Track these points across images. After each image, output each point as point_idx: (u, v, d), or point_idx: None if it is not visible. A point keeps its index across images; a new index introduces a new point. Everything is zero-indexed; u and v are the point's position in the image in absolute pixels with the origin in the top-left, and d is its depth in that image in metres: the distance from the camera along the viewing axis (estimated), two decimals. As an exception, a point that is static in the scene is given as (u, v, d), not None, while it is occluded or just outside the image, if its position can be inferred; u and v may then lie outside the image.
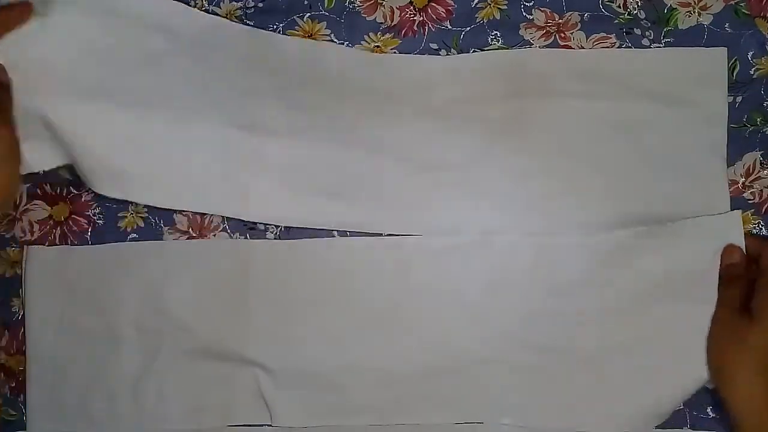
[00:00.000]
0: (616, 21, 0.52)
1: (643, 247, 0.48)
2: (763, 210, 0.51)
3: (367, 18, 0.53)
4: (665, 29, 0.51)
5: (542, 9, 0.52)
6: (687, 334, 0.46)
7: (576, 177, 0.50)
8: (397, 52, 0.52)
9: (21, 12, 0.43)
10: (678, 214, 0.49)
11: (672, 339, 0.47)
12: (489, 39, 0.52)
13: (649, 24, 0.52)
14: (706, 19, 0.51)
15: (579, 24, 0.52)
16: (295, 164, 0.50)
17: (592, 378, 0.48)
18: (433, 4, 0.53)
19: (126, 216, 0.52)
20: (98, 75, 0.46)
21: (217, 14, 0.53)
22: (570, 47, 0.52)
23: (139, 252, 0.52)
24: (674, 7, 0.51)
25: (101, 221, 0.53)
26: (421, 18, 0.53)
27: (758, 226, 0.51)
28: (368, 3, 0.53)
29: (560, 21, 0.52)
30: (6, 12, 0.43)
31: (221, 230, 0.52)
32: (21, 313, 0.52)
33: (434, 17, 0.53)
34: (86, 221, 0.53)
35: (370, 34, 0.53)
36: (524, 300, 0.49)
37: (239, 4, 0.53)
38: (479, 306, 0.49)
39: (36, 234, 0.53)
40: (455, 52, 0.52)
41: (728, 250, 0.47)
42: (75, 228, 0.53)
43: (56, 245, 0.52)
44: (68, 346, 0.51)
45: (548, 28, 0.52)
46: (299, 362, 0.50)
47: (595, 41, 0.52)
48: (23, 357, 0.52)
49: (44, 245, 0.52)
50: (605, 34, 0.52)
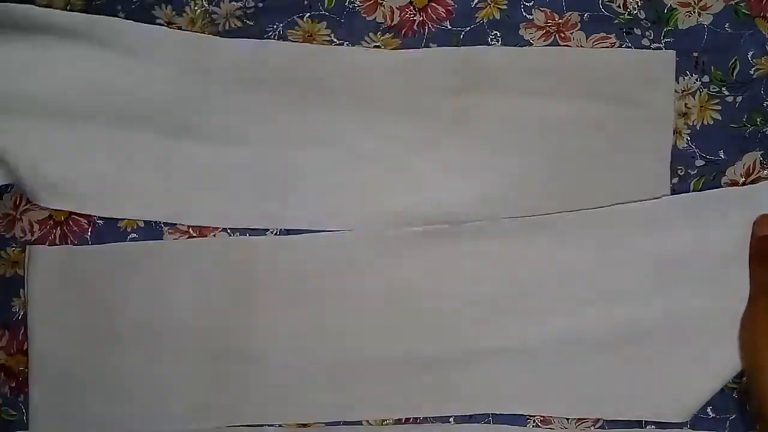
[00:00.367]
0: (616, 21, 0.52)
1: (660, 223, 0.47)
2: (763, 210, 0.51)
3: (367, 18, 0.53)
4: (665, 29, 0.51)
5: (542, 9, 0.52)
6: (715, 318, 0.45)
7: (520, 174, 0.51)
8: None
9: None
10: None
11: (699, 322, 0.46)
12: (489, 39, 0.52)
13: (649, 24, 0.52)
14: (706, 19, 0.51)
15: (579, 24, 0.52)
16: (233, 165, 0.51)
17: (609, 364, 0.48)
18: (433, 4, 0.53)
19: (125, 217, 0.52)
20: (32, 90, 0.48)
21: (217, 14, 0.53)
22: (570, 47, 0.52)
23: (142, 251, 0.51)
24: (674, 7, 0.51)
25: (101, 221, 0.52)
26: (421, 18, 0.53)
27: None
28: (368, 3, 0.53)
29: (560, 21, 0.52)
30: None
31: (221, 230, 0.52)
32: (21, 313, 0.52)
33: (434, 17, 0.53)
34: (86, 221, 0.53)
35: (370, 34, 0.53)
36: (532, 285, 0.49)
37: (239, 4, 0.53)
38: (483, 293, 0.49)
39: (36, 234, 0.53)
40: (455, 52, 0.52)
41: (762, 221, 0.45)
42: (75, 228, 0.53)
43: (56, 245, 0.52)
44: (71, 346, 0.51)
45: (548, 28, 0.52)
46: (305, 358, 0.50)
47: (595, 41, 0.52)
48: (23, 357, 0.52)
49: (44, 245, 0.53)
50: (605, 34, 0.52)
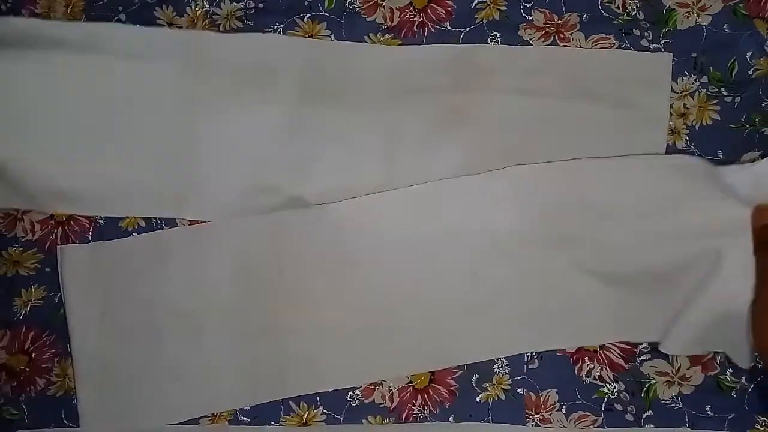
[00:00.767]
0: (615, 22, 0.52)
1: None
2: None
3: (368, 18, 0.53)
4: (664, 30, 0.52)
5: (541, 10, 0.52)
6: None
7: None
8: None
9: None
10: None
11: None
12: (488, 39, 0.52)
13: (648, 25, 0.52)
14: (705, 20, 0.51)
15: (578, 25, 0.52)
16: (233, 156, 0.51)
17: (617, 296, 0.49)
18: (433, 5, 0.53)
19: (127, 216, 0.53)
20: (33, 99, 0.50)
21: (218, 15, 0.53)
22: (566, 48, 0.52)
23: (173, 239, 0.52)
24: (673, 8, 0.52)
25: (102, 221, 0.53)
26: (421, 18, 0.53)
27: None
28: (368, 3, 0.53)
29: (559, 22, 0.52)
30: None
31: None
32: (22, 313, 0.53)
33: (434, 18, 0.53)
34: (87, 221, 0.53)
35: (371, 35, 0.53)
36: (551, 226, 0.50)
37: (240, 5, 0.53)
38: (502, 239, 0.50)
39: (37, 234, 0.53)
40: (455, 53, 0.53)
41: (758, 212, 0.44)
42: (76, 228, 0.53)
43: (58, 245, 0.52)
44: (112, 342, 0.51)
45: (547, 29, 0.52)
46: (343, 323, 0.50)
47: (594, 42, 0.52)
48: (24, 356, 0.52)
49: (45, 245, 0.53)
50: (604, 35, 0.52)
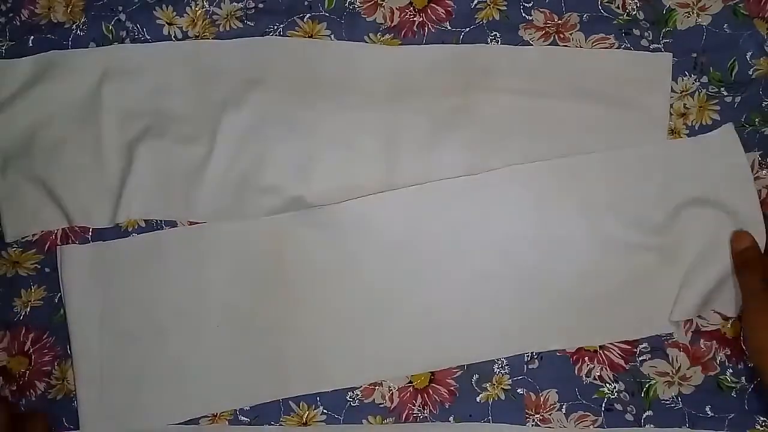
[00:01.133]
0: (615, 22, 0.52)
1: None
2: (762, 210, 0.51)
3: (368, 18, 0.53)
4: (664, 30, 0.52)
5: (541, 10, 0.52)
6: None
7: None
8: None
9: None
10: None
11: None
12: (488, 39, 0.52)
13: (648, 25, 0.52)
14: (705, 20, 0.51)
15: (578, 25, 0.52)
16: (233, 156, 0.52)
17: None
18: (433, 5, 0.53)
19: (128, 217, 0.52)
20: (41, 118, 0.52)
21: (218, 15, 0.53)
22: (566, 48, 0.52)
23: (173, 239, 0.52)
24: (673, 8, 0.52)
25: (102, 221, 0.53)
26: (421, 19, 0.53)
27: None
28: (368, 3, 0.53)
29: (559, 22, 0.52)
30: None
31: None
32: (22, 314, 0.53)
33: (434, 18, 0.53)
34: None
35: (371, 35, 0.53)
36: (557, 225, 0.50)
37: (240, 5, 0.53)
38: (502, 238, 0.50)
39: (37, 234, 0.53)
40: (455, 53, 0.52)
41: (737, 237, 0.48)
42: (76, 228, 0.53)
43: (58, 245, 0.52)
44: (113, 342, 0.51)
45: (547, 29, 0.52)
46: (342, 323, 0.50)
47: (594, 42, 0.52)
48: (25, 358, 0.52)
49: (45, 245, 0.53)
50: (604, 35, 0.52)
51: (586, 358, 0.50)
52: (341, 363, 0.51)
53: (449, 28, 0.53)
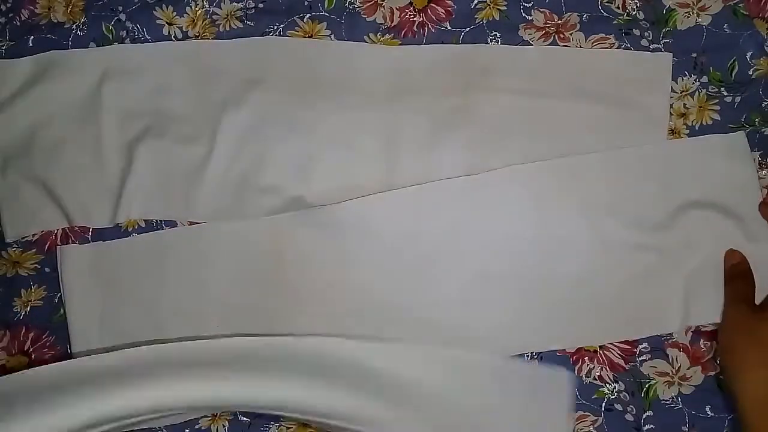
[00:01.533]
0: (615, 22, 0.52)
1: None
2: (762, 210, 0.51)
3: (368, 18, 0.53)
4: (664, 30, 0.52)
5: (541, 10, 0.52)
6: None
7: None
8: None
9: None
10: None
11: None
12: (488, 39, 0.52)
13: (648, 25, 0.52)
14: (705, 20, 0.51)
15: (578, 25, 0.52)
16: (233, 156, 0.52)
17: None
18: (433, 5, 0.53)
19: (128, 217, 0.52)
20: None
21: (218, 15, 0.53)
22: (566, 48, 0.52)
23: (173, 239, 0.52)
24: (673, 8, 0.51)
25: (102, 221, 0.53)
26: (421, 19, 0.53)
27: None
28: (368, 3, 0.53)
29: (559, 22, 0.52)
30: None
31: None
32: (22, 313, 0.53)
33: (434, 18, 0.53)
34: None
35: (370, 35, 0.53)
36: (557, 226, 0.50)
37: (240, 5, 0.54)
38: (502, 238, 0.50)
39: (37, 234, 0.53)
40: (455, 53, 0.52)
41: (728, 254, 0.48)
42: (76, 228, 0.53)
43: (58, 245, 0.52)
44: (112, 342, 0.51)
45: (547, 29, 0.52)
46: (343, 323, 0.50)
47: (594, 42, 0.52)
48: (25, 357, 0.52)
49: (45, 245, 0.53)
50: (604, 35, 0.52)
51: (586, 358, 0.50)
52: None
53: (449, 28, 0.53)
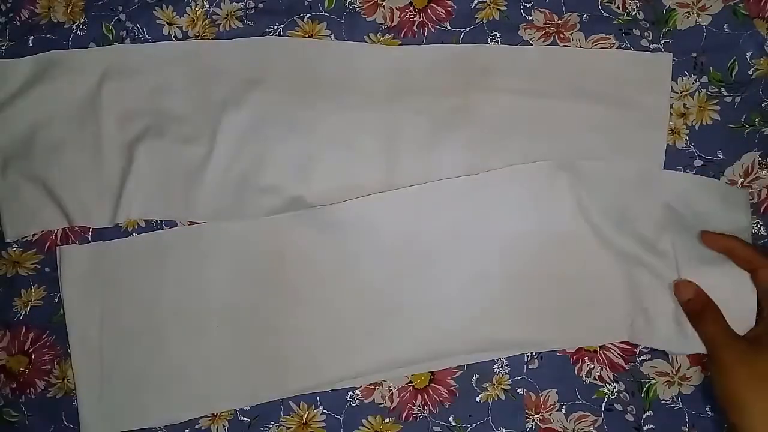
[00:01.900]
0: (615, 22, 0.52)
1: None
2: (762, 210, 0.51)
3: (367, 18, 0.53)
4: (664, 30, 0.52)
5: (541, 10, 0.52)
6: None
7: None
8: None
9: None
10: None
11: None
12: (488, 39, 0.52)
13: (648, 25, 0.52)
14: (705, 20, 0.51)
15: (578, 25, 0.52)
16: (233, 156, 0.52)
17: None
18: (433, 5, 0.53)
19: (128, 217, 0.52)
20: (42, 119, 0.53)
21: (218, 15, 0.53)
22: (566, 48, 0.52)
23: (173, 239, 0.52)
24: (673, 8, 0.51)
25: (102, 221, 0.53)
26: (421, 19, 0.53)
27: (757, 226, 0.51)
28: (368, 3, 0.53)
29: (559, 22, 0.52)
30: None
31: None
32: (22, 313, 0.53)
33: (434, 18, 0.53)
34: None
35: (370, 35, 0.53)
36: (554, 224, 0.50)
37: (240, 5, 0.54)
38: (502, 238, 0.50)
39: (37, 234, 0.53)
40: (455, 53, 0.52)
41: (679, 287, 0.47)
42: (76, 228, 0.53)
43: (58, 245, 0.52)
44: (112, 342, 0.51)
45: (547, 29, 0.52)
46: (343, 323, 0.50)
47: (594, 42, 0.52)
48: (24, 357, 0.52)
49: (45, 245, 0.53)
50: (604, 35, 0.52)
51: (586, 358, 0.50)
52: (340, 363, 0.50)
53: (449, 28, 0.53)
